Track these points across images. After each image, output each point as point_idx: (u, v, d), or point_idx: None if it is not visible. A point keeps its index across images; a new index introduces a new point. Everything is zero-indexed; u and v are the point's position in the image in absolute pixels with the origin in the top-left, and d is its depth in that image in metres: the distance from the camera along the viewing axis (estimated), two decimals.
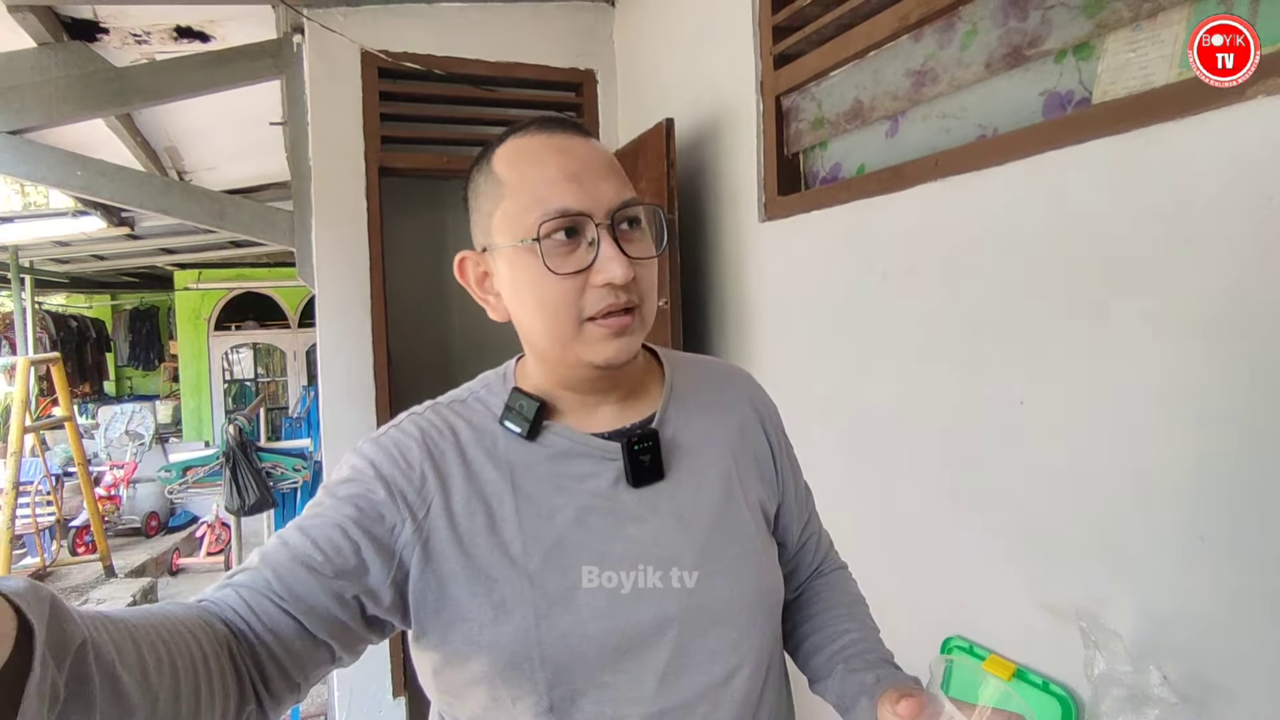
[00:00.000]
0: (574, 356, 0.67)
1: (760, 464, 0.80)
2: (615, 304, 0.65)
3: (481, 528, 0.66)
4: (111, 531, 5.38)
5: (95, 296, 9.60)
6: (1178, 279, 0.91)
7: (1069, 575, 1.07)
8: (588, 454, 0.70)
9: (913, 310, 1.35)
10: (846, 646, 0.79)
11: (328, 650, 0.63)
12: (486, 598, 0.64)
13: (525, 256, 0.65)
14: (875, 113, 1.48)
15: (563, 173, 0.65)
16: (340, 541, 0.62)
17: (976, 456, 1.23)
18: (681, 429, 0.75)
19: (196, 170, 4.01)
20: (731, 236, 1.93)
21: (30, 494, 4.55)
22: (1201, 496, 0.90)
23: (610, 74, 2.61)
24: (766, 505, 0.79)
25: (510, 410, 0.71)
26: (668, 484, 0.72)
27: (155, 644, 0.47)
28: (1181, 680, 0.90)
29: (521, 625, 0.64)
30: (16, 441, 3.61)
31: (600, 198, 0.65)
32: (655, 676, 0.66)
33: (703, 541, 0.71)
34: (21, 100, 2.25)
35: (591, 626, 0.65)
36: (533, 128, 0.69)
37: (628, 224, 0.67)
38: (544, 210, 0.64)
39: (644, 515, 0.70)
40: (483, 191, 0.70)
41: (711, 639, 0.69)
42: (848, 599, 0.87)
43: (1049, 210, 1.08)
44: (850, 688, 0.75)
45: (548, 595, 0.65)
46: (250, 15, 2.37)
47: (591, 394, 0.73)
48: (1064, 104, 1.11)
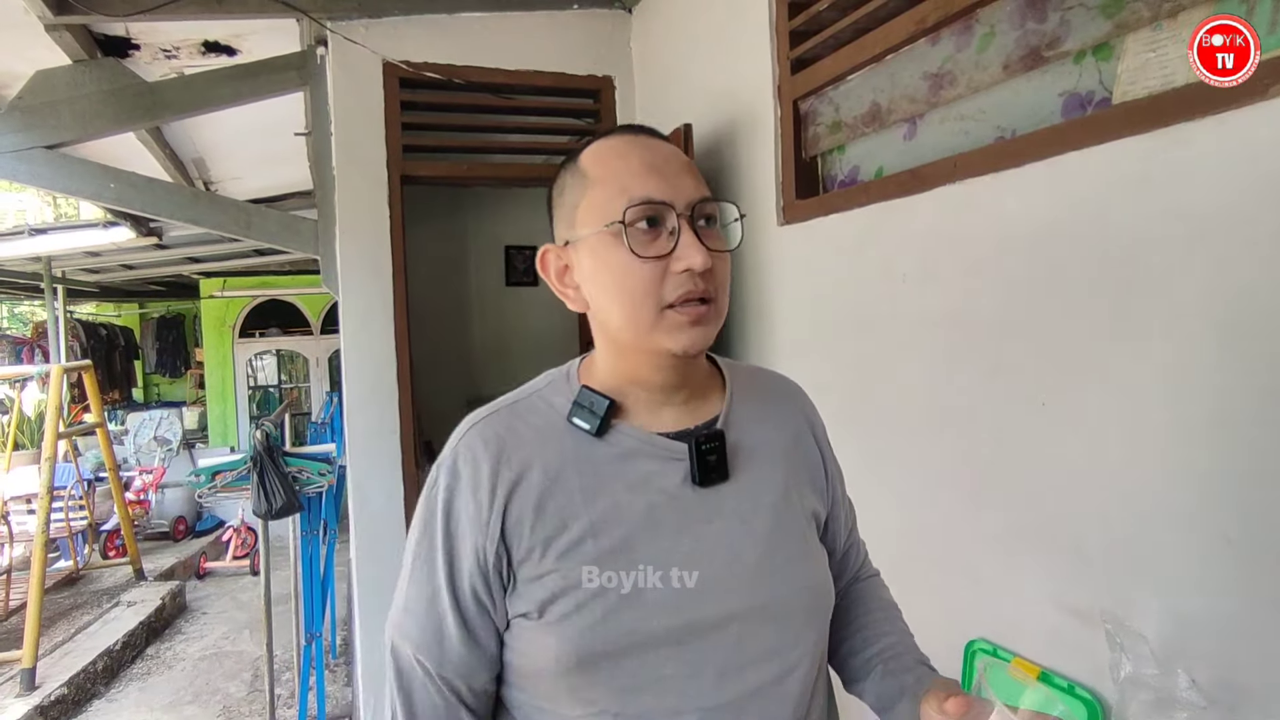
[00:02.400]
0: (652, 343, 0.69)
1: (813, 473, 0.82)
2: (694, 291, 0.67)
3: (552, 529, 0.68)
4: (141, 535, 5.48)
5: (124, 305, 9.80)
6: (1199, 279, 0.91)
7: (1093, 577, 1.07)
8: (655, 453, 0.72)
9: (932, 312, 1.35)
10: (885, 650, 0.81)
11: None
12: (560, 598, 0.67)
13: (609, 243, 0.68)
14: (893, 116, 1.48)
15: (645, 165, 0.69)
16: (468, 598, 0.69)
17: (998, 458, 1.22)
18: (744, 433, 0.77)
19: (223, 180, 4.09)
20: (750, 240, 1.94)
21: (63, 499, 4.65)
22: (1226, 497, 0.90)
23: (628, 80, 2.63)
24: (818, 513, 0.81)
25: (580, 407, 0.72)
26: (731, 485, 0.73)
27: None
28: (1209, 683, 0.90)
29: (590, 621, 0.66)
30: (50, 447, 3.69)
31: (681, 190, 0.69)
32: (715, 671, 0.68)
33: (764, 542, 0.72)
34: (58, 116, 2.32)
35: (656, 622, 0.67)
36: (617, 131, 0.74)
37: (705, 220, 0.70)
38: (630, 198, 0.67)
39: (709, 515, 0.71)
40: (569, 186, 0.73)
41: (769, 637, 0.70)
42: (883, 605, 0.89)
43: (1069, 212, 1.07)
44: (890, 688, 0.76)
45: (616, 592, 0.67)
46: (275, 29, 2.42)
47: (659, 391, 0.74)
48: (1083, 105, 1.11)
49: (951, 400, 1.31)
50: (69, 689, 3.31)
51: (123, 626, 3.93)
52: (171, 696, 3.50)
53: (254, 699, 3.42)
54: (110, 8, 2.07)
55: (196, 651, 3.99)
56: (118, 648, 3.75)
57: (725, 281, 0.71)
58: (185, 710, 3.36)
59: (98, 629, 3.92)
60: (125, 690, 3.58)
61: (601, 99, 2.62)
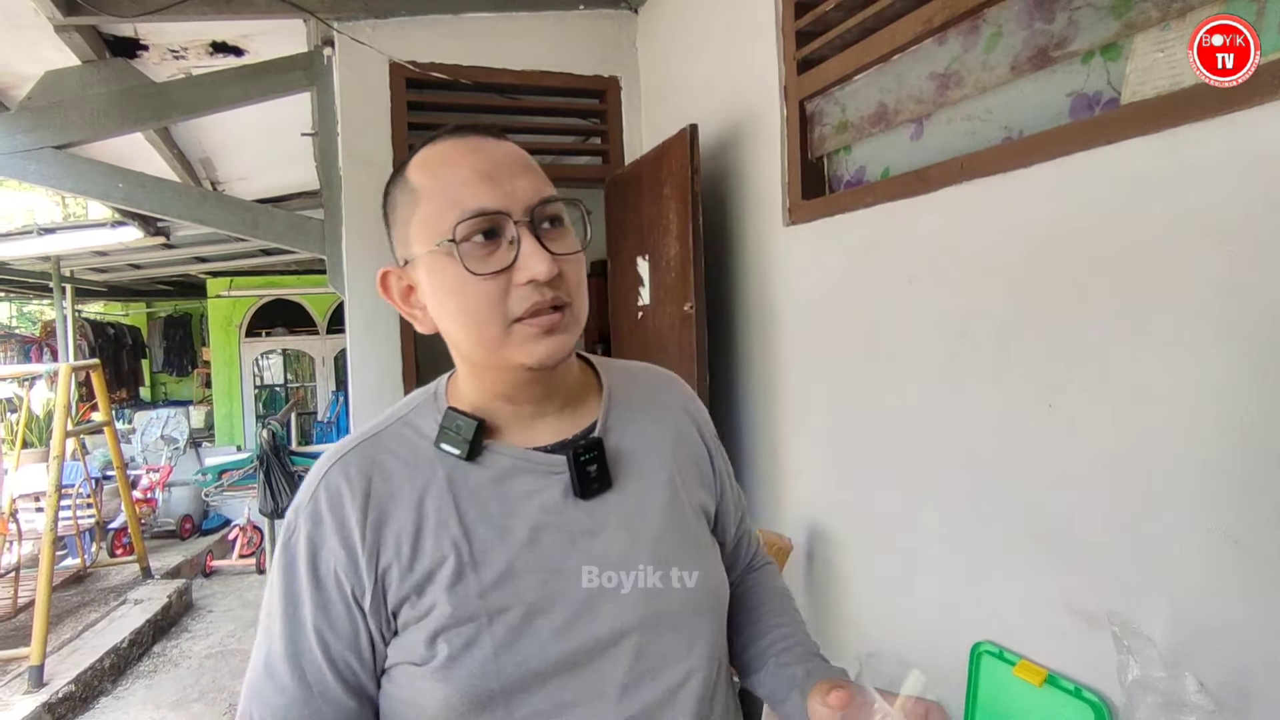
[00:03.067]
0: (504, 360, 0.65)
1: (699, 467, 0.80)
2: (542, 302, 0.63)
3: (430, 565, 0.64)
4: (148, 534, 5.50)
5: (131, 304, 9.86)
6: (1209, 280, 0.90)
7: (1100, 580, 1.06)
8: (532, 469, 0.69)
9: (939, 313, 1.34)
10: (776, 641, 0.80)
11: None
12: (442, 638, 0.63)
13: (444, 261, 0.63)
14: (899, 116, 1.48)
15: (476, 172, 0.64)
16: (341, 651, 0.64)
17: (1005, 460, 1.22)
18: (624, 436, 0.74)
19: (229, 181, 4.11)
20: (755, 241, 1.94)
21: (71, 497, 4.67)
22: (1236, 500, 0.89)
23: (634, 81, 2.63)
24: (707, 507, 0.80)
25: (446, 431, 0.68)
26: (615, 493, 0.71)
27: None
28: (1218, 687, 0.89)
29: (480, 660, 0.62)
30: (59, 446, 3.71)
31: (517, 195, 0.64)
32: (616, 688, 0.65)
33: (653, 548, 0.70)
34: (66, 116, 2.34)
35: (551, 649, 0.64)
36: (444, 134, 0.68)
37: (549, 223, 0.66)
38: (460, 211, 0.62)
39: (595, 527, 0.69)
40: (399, 202, 0.68)
41: (668, 643, 0.69)
42: (775, 594, 0.88)
43: (1077, 212, 1.07)
44: (781, 681, 0.76)
45: (505, 623, 0.63)
46: (282, 30, 2.43)
47: (529, 404, 0.71)
48: (1091, 105, 1.10)
49: (958, 401, 1.31)
50: (76, 686, 3.32)
51: (130, 624, 3.95)
52: (178, 694, 3.51)
53: None
54: (119, 8, 2.08)
55: (203, 649, 4.00)
56: (125, 645, 3.77)
57: (579, 284, 0.67)
58: (192, 708, 3.37)
59: (105, 627, 3.94)
60: (132, 688, 3.59)
61: (607, 99, 2.62)
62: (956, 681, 1.28)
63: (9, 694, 3.19)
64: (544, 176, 0.68)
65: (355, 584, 0.64)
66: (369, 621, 0.64)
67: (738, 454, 2.10)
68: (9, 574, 4.08)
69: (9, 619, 3.93)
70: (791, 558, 1.71)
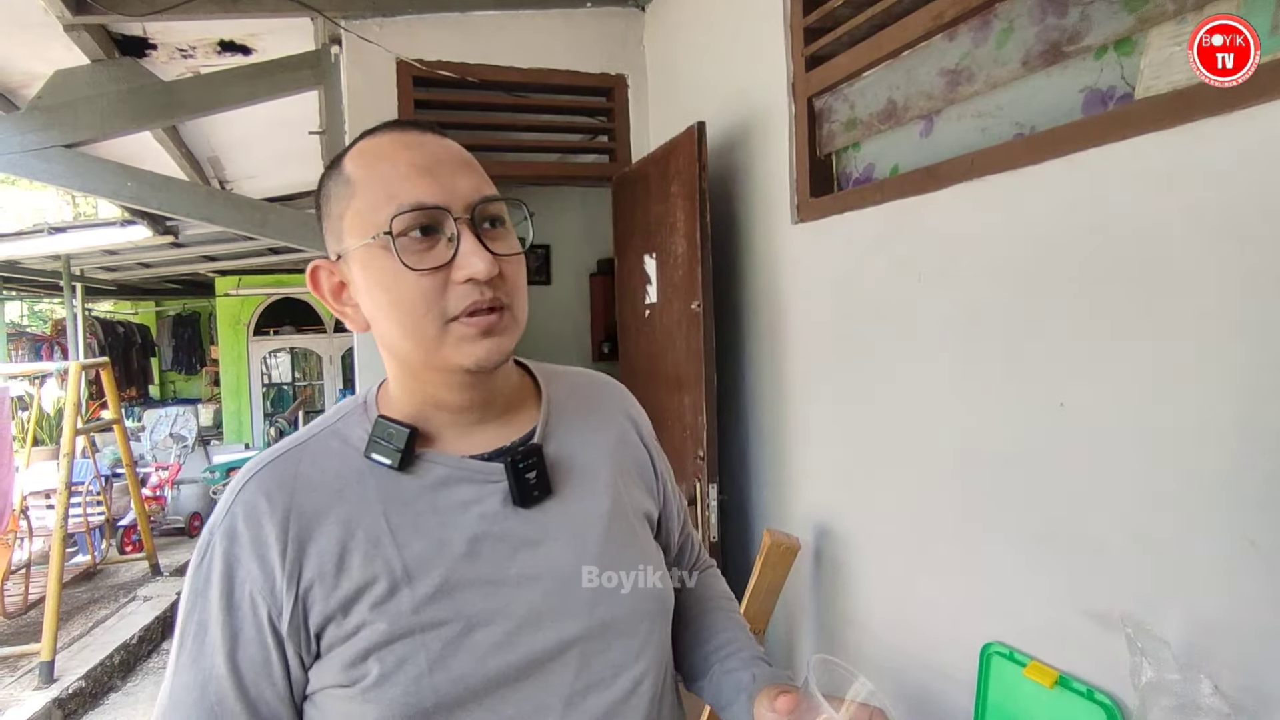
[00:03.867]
0: (440, 361, 0.63)
1: (641, 473, 0.79)
2: (481, 301, 0.61)
3: (359, 583, 0.61)
4: (157, 531, 5.54)
5: (141, 303, 9.91)
6: (1224, 278, 0.89)
7: (1113, 580, 1.05)
8: (468, 478, 0.66)
9: (948, 312, 1.33)
10: (721, 646, 0.79)
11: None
12: (374, 657, 0.59)
13: (379, 255, 0.61)
14: (909, 113, 1.47)
15: (415, 167, 0.62)
16: (254, 678, 0.60)
17: (1017, 459, 1.21)
18: (564, 443, 0.73)
19: (237, 179, 4.12)
20: (764, 239, 1.93)
21: (81, 494, 4.70)
22: (1252, 500, 0.88)
23: (641, 79, 2.63)
24: (650, 512, 0.79)
25: (376, 442, 0.65)
26: (556, 501, 0.69)
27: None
28: (1233, 690, 0.88)
29: (414, 676, 0.59)
30: (69, 443, 3.73)
31: (457, 191, 0.62)
32: (560, 701, 0.63)
33: (597, 556, 0.68)
34: (76, 115, 2.34)
35: (491, 663, 0.61)
36: (383, 128, 0.66)
37: (490, 223, 0.64)
38: (397, 205, 0.60)
39: (535, 536, 0.67)
40: (333, 195, 0.66)
41: (614, 653, 0.67)
42: (717, 597, 0.87)
43: (1090, 210, 1.06)
44: (727, 687, 0.75)
45: (441, 638, 0.60)
46: (290, 28, 2.43)
47: (464, 411, 0.68)
48: (1105, 101, 1.09)
49: (968, 400, 1.30)
50: (86, 682, 3.35)
51: (139, 621, 3.98)
52: None
53: None
54: (128, 8, 2.09)
55: None
56: (134, 642, 3.79)
57: (519, 286, 0.66)
58: None
59: (115, 623, 3.97)
60: (141, 684, 3.61)
61: (614, 97, 2.62)
62: (966, 683, 1.27)
63: (20, 689, 3.21)
64: (485, 176, 0.66)
65: (272, 606, 0.60)
66: (286, 646, 0.60)
67: (745, 453, 2.09)
68: (20, 570, 4.11)
69: (20, 615, 3.96)
70: (800, 557, 1.70)
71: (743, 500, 2.12)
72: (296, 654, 0.61)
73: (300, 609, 0.60)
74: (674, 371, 2.09)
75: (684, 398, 2.02)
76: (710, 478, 1.91)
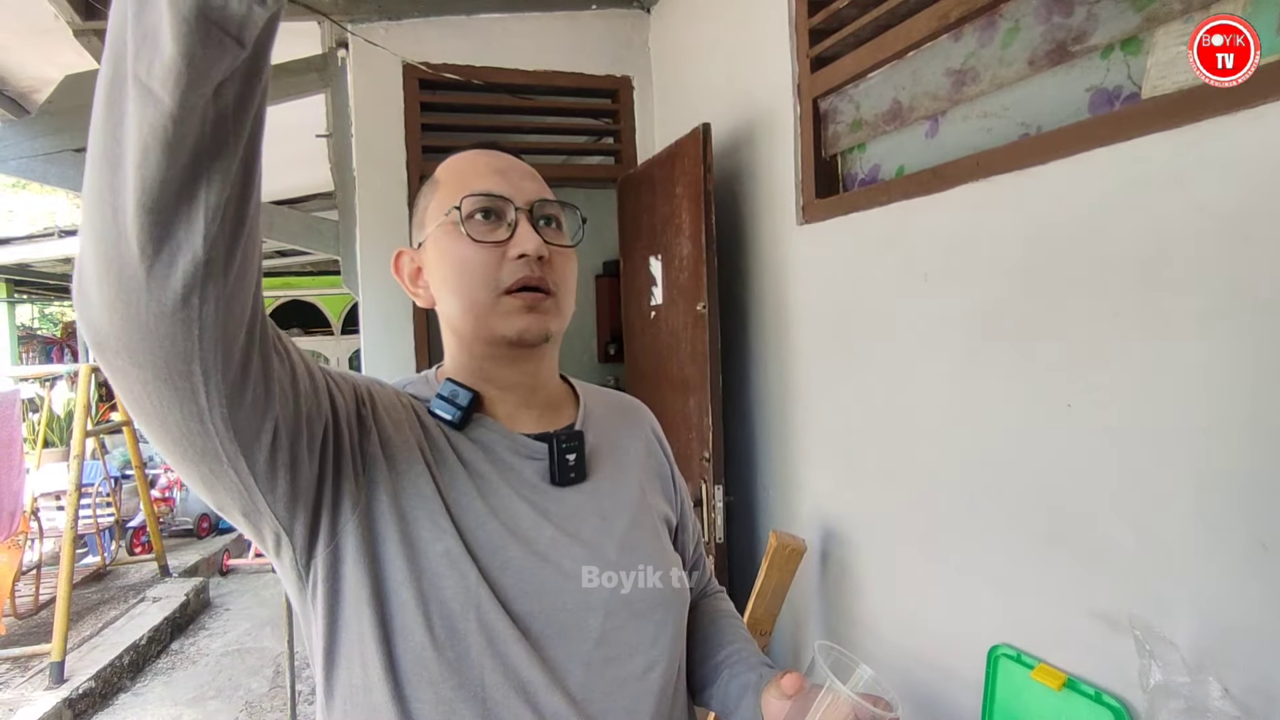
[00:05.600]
0: (488, 331, 0.70)
1: (664, 484, 0.85)
2: (530, 277, 0.69)
3: (445, 479, 0.67)
4: (166, 532, 5.56)
5: None
6: (1232, 278, 0.89)
7: (1122, 582, 1.05)
8: (514, 449, 0.72)
9: (955, 313, 1.33)
10: (730, 655, 0.81)
11: (294, 403, 0.58)
12: (440, 534, 0.63)
13: (450, 232, 0.70)
14: (914, 113, 1.46)
15: (489, 168, 0.73)
16: (349, 394, 0.66)
17: (1023, 460, 1.20)
18: (600, 437, 0.79)
19: None
20: (769, 240, 1.93)
21: (91, 496, 4.73)
22: (1263, 502, 0.87)
23: (646, 80, 2.63)
24: (670, 519, 0.83)
25: (442, 398, 0.71)
26: (589, 485, 0.74)
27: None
28: (1243, 692, 0.88)
29: (465, 577, 0.63)
30: (79, 445, 3.75)
31: (522, 189, 0.72)
32: (580, 666, 0.66)
33: (622, 539, 0.72)
34: (86, 119, 2.34)
35: (519, 605, 0.64)
36: (471, 146, 0.77)
37: (545, 221, 0.73)
38: (469, 190, 0.70)
39: (566, 513, 0.71)
40: (422, 194, 0.77)
41: (632, 632, 0.70)
42: (726, 615, 0.90)
43: (1096, 209, 1.05)
44: (734, 688, 0.77)
45: (483, 564, 0.64)
46: (296, 32, 2.45)
47: (510, 389, 0.74)
48: (1111, 100, 1.09)
49: (974, 401, 1.29)
50: (96, 682, 3.37)
51: (148, 622, 4.00)
52: (195, 691, 3.55)
53: (275, 695, 3.45)
54: None
55: (220, 647, 4.04)
56: (143, 642, 3.81)
57: (566, 277, 0.73)
58: (209, 705, 3.40)
59: (124, 624, 3.99)
60: (150, 685, 3.63)
61: (620, 99, 2.62)
62: (974, 685, 1.26)
63: (31, 689, 3.23)
64: (548, 188, 0.76)
65: (362, 414, 0.66)
66: (355, 428, 0.64)
67: (751, 454, 2.09)
68: (31, 571, 4.14)
69: (31, 615, 3.99)
70: (806, 559, 1.69)
71: (748, 502, 2.12)
72: (356, 442, 0.64)
73: (375, 439, 0.65)
74: (680, 373, 2.09)
75: (690, 399, 2.02)
76: (716, 479, 1.91)
